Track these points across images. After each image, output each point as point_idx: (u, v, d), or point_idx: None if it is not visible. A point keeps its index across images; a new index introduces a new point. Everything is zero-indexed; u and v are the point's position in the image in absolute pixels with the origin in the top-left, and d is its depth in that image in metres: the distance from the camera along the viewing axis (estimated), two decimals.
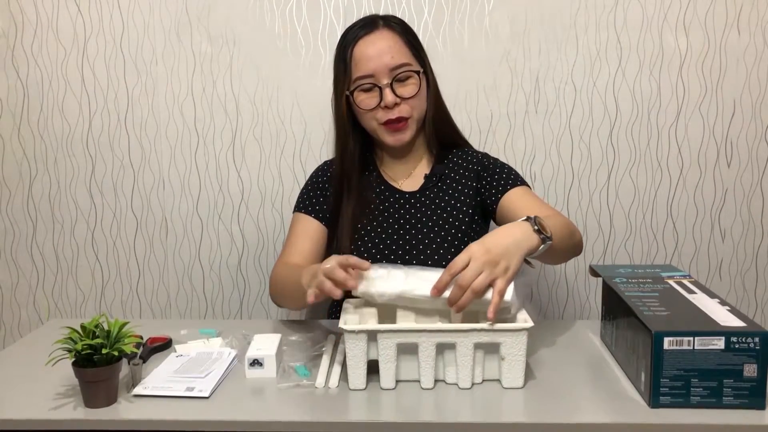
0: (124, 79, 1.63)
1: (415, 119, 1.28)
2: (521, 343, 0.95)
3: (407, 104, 1.25)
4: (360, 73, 1.24)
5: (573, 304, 1.70)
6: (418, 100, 1.27)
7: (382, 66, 1.22)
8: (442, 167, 1.34)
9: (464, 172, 1.34)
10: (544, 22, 1.56)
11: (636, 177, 1.62)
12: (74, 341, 0.92)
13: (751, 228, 1.64)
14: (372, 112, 1.25)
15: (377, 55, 1.23)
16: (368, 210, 1.31)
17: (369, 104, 1.25)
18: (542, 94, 1.59)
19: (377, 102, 1.24)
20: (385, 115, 1.24)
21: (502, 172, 1.32)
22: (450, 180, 1.33)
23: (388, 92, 1.23)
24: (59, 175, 1.68)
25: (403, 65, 1.24)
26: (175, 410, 0.92)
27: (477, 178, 1.33)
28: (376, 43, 1.24)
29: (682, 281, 1.09)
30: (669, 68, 1.57)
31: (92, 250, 1.72)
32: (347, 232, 1.29)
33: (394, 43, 1.25)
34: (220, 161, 1.65)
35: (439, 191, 1.32)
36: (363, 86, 1.24)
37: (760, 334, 0.86)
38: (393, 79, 1.23)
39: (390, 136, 1.27)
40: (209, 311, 1.73)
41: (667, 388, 0.88)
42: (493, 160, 1.36)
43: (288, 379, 1.00)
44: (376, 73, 1.23)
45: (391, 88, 1.23)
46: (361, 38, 1.25)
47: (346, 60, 1.26)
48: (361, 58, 1.24)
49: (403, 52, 1.26)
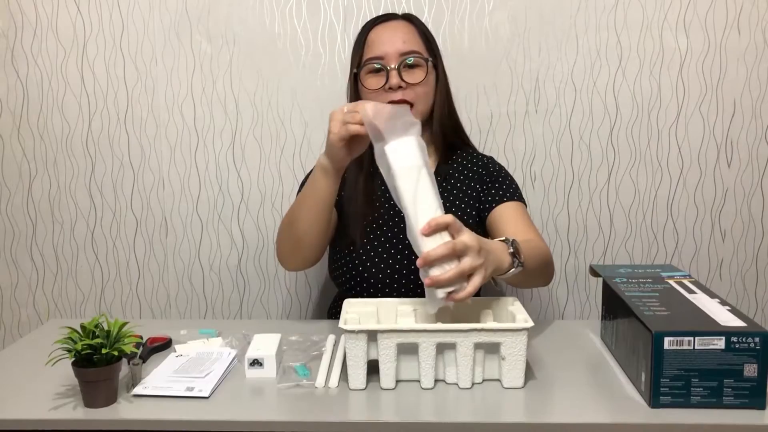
0: (124, 79, 1.63)
1: (419, 110, 1.27)
2: (521, 343, 0.95)
3: (412, 90, 1.25)
4: (371, 54, 1.27)
5: (573, 304, 1.70)
6: (424, 89, 1.27)
7: (393, 50, 1.25)
8: (446, 167, 1.34)
9: (469, 173, 1.34)
10: (544, 22, 1.56)
11: (636, 177, 1.62)
12: (74, 341, 0.92)
13: (751, 228, 1.64)
14: (375, 92, 1.26)
15: (390, 39, 1.27)
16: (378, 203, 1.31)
17: (373, 85, 1.26)
18: (542, 94, 1.59)
19: (382, 84, 1.25)
20: (388, 98, 1.25)
21: (503, 182, 1.32)
22: (454, 180, 1.33)
23: (393, 74, 1.24)
24: (59, 175, 1.68)
25: (414, 52, 1.26)
26: (175, 410, 0.92)
27: (480, 181, 1.33)
28: (392, 29, 1.29)
29: (683, 281, 1.09)
30: (669, 68, 1.57)
31: (92, 250, 1.72)
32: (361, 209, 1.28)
33: (409, 31, 1.29)
34: (220, 161, 1.65)
35: (443, 191, 1.32)
36: (371, 67, 1.26)
37: (760, 334, 0.86)
38: (401, 64, 1.25)
39: None
40: (209, 311, 1.73)
41: (668, 388, 0.88)
42: (498, 168, 1.36)
43: (288, 379, 1.00)
44: (386, 56, 1.25)
45: (398, 71, 1.24)
46: (378, 24, 1.31)
47: (361, 43, 1.30)
48: (374, 41, 1.28)
49: (415, 41, 1.29)
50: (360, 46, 1.30)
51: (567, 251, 1.66)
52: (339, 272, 1.32)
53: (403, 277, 1.26)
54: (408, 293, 1.26)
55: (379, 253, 1.27)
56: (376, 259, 1.27)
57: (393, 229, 1.29)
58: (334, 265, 1.34)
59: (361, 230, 1.28)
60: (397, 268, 1.26)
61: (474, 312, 1.08)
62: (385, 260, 1.27)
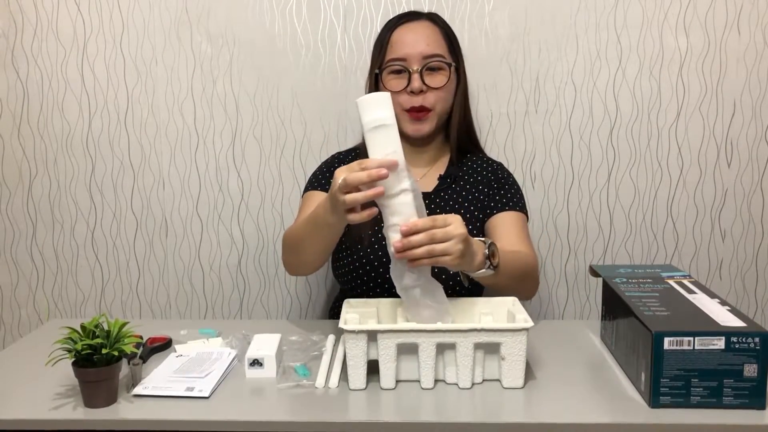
0: (124, 79, 1.63)
1: (438, 113, 1.28)
2: (521, 343, 0.95)
3: (433, 95, 1.25)
4: (393, 55, 1.26)
5: (573, 304, 1.70)
6: (445, 93, 1.27)
7: (416, 52, 1.24)
8: (456, 169, 1.34)
9: (477, 176, 1.35)
10: (544, 22, 1.56)
11: (636, 177, 1.62)
12: (74, 341, 0.92)
13: (751, 228, 1.64)
14: (396, 95, 1.25)
15: (414, 41, 1.25)
16: None
17: (395, 87, 1.25)
18: (542, 94, 1.59)
19: (404, 86, 1.25)
20: (409, 101, 1.25)
21: (509, 190, 1.33)
22: (464, 183, 1.34)
23: (416, 77, 1.24)
24: (59, 175, 1.68)
25: (437, 55, 1.26)
26: (175, 410, 0.92)
27: (488, 185, 1.34)
28: (415, 30, 1.27)
29: (682, 281, 1.09)
30: (669, 68, 1.57)
31: (92, 250, 1.72)
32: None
33: (432, 33, 1.28)
34: (220, 161, 1.65)
35: (453, 193, 1.32)
36: (393, 68, 1.26)
37: (760, 334, 0.86)
38: (424, 66, 1.24)
39: (410, 125, 1.27)
40: (209, 311, 1.73)
41: (667, 388, 0.88)
42: (506, 175, 1.37)
43: (288, 379, 1.00)
44: (409, 58, 1.25)
45: (420, 75, 1.23)
46: (401, 24, 1.29)
47: (383, 43, 1.29)
48: (397, 42, 1.26)
49: (439, 43, 1.28)
50: (382, 46, 1.29)
51: (567, 251, 1.66)
52: (344, 270, 1.31)
53: None
54: None
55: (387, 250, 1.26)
56: (384, 258, 1.26)
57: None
58: (339, 263, 1.32)
59: (370, 228, 1.26)
60: None
61: (474, 312, 1.08)
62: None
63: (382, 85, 1.28)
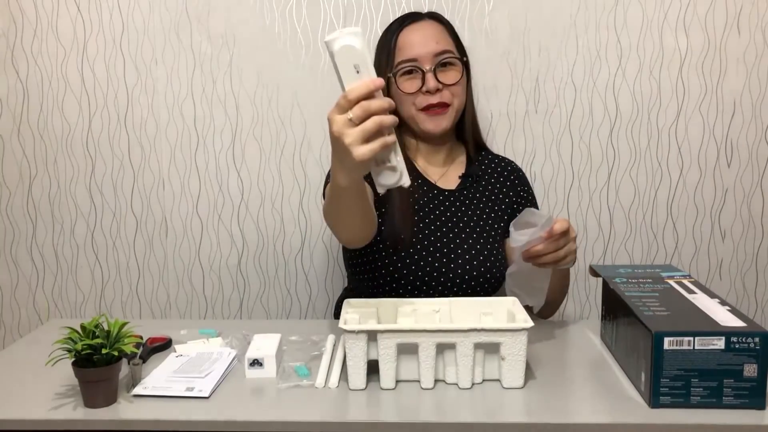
0: (124, 79, 1.63)
1: (455, 108, 1.28)
2: (521, 343, 0.95)
3: (449, 91, 1.25)
4: (404, 57, 1.25)
5: (573, 304, 1.70)
6: (460, 88, 1.27)
7: (427, 51, 1.24)
8: (476, 168, 1.35)
9: (499, 177, 1.36)
10: (544, 22, 1.56)
11: (636, 177, 1.62)
12: (74, 341, 0.92)
13: (751, 228, 1.64)
14: (412, 96, 1.25)
15: (422, 40, 1.25)
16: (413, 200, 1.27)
17: (409, 88, 1.25)
18: (542, 94, 1.59)
19: (418, 87, 1.24)
20: (425, 100, 1.24)
21: (529, 190, 1.40)
22: (485, 182, 1.35)
23: (430, 77, 1.23)
24: (59, 175, 1.68)
25: (447, 51, 1.25)
26: (174, 410, 0.92)
27: (513, 187, 1.36)
28: (422, 30, 1.27)
29: (682, 281, 1.09)
30: (669, 68, 1.57)
31: (92, 250, 1.72)
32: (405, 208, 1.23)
33: (439, 31, 1.28)
34: (220, 161, 1.65)
35: (475, 192, 1.33)
36: (405, 69, 1.25)
37: (760, 334, 0.86)
38: (436, 64, 1.24)
39: (430, 122, 1.26)
40: (209, 311, 1.73)
41: (667, 388, 0.88)
42: (522, 173, 1.41)
43: (288, 379, 1.00)
44: (420, 58, 1.24)
45: (434, 73, 1.23)
46: (406, 26, 1.28)
47: (390, 47, 1.27)
48: (405, 44, 1.26)
49: (447, 40, 1.28)
50: (390, 50, 1.27)
51: None
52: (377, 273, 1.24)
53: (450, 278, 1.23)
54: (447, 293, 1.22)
55: (431, 252, 1.23)
56: (429, 258, 1.22)
57: (441, 228, 1.26)
58: (371, 266, 1.25)
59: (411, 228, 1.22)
60: (452, 267, 1.23)
61: (474, 312, 1.08)
62: (438, 259, 1.22)
63: (395, 88, 1.26)
